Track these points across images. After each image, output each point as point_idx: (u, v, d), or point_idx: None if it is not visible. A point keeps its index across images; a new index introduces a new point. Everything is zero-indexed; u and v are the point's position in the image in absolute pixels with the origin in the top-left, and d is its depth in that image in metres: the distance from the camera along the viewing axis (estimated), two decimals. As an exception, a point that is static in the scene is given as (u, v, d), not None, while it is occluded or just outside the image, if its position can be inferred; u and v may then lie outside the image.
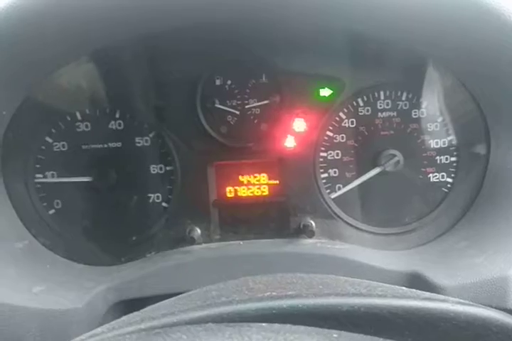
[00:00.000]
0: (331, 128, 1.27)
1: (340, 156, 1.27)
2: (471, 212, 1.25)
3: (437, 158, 1.27)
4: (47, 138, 1.22)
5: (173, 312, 0.47)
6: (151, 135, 1.25)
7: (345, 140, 1.27)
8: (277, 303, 0.48)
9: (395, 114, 1.26)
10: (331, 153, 1.27)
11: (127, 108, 1.23)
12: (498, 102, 1.13)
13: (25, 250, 1.14)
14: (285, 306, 0.47)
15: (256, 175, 1.29)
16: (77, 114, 1.22)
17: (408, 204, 1.29)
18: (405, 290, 0.57)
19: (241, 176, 1.29)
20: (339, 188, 1.28)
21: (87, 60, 1.14)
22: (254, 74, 1.24)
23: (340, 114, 1.26)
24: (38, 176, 1.23)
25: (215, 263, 1.16)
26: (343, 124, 1.27)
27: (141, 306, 1.07)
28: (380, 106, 1.26)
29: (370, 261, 1.14)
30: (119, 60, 1.16)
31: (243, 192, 1.29)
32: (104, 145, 1.23)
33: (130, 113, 1.23)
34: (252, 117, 1.25)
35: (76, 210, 1.25)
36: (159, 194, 1.26)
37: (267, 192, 1.29)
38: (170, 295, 0.66)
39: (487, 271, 1.00)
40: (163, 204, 1.27)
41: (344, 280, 0.60)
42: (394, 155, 1.24)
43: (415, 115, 1.26)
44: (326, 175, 1.28)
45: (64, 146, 1.23)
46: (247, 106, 1.24)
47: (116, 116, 1.23)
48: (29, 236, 1.19)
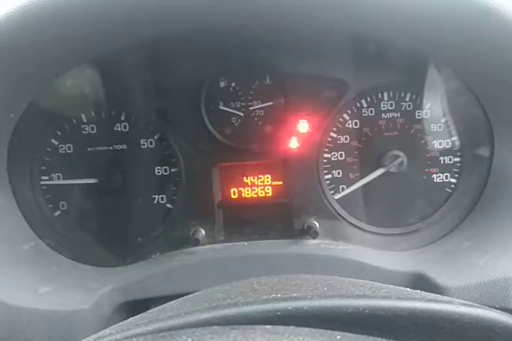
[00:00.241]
0: (335, 129, 1.27)
1: (344, 157, 1.28)
2: (474, 212, 1.25)
3: (441, 158, 1.27)
4: (53, 141, 1.23)
5: (179, 314, 0.48)
6: (155, 137, 1.25)
7: (348, 141, 1.27)
8: (282, 305, 0.48)
9: (399, 115, 1.26)
10: (334, 154, 1.28)
11: (132, 110, 1.24)
12: (502, 103, 1.13)
13: (31, 251, 1.15)
14: (290, 308, 0.48)
15: (260, 176, 1.29)
16: (83, 117, 1.23)
17: (412, 204, 1.29)
18: (410, 291, 0.57)
19: (245, 177, 1.29)
20: (343, 189, 1.28)
21: (91, 63, 1.14)
22: (258, 76, 1.24)
23: (344, 115, 1.26)
24: (44, 178, 1.24)
25: (219, 264, 1.17)
26: (347, 125, 1.27)
27: (146, 307, 1.08)
28: (383, 107, 1.26)
29: (374, 261, 1.14)
30: (123, 62, 1.16)
31: (247, 193, 1.29)
32: (110, 148, 1.24)
33: (135, 115, 1.24)
34: (256, 119, 1.25)
35: (81, 212, 1.26)
36: (164, 195, 1.27)
37: (270, 193, 1.30)
38: (175, 296, 0.66)
39: (491, 271, 1.00)
40: (168, 205, 1.27)
41: (349, 281, 0.61)
42: (398, 156, 1.24)
43: (419, 116, 1.26)
44: (330, 176, 1.28)
45: (70, 148, 1.24)
46: (251, 108, 1.25)
47: (122, 118, 1.24)
48: (35, 238, 1.20)
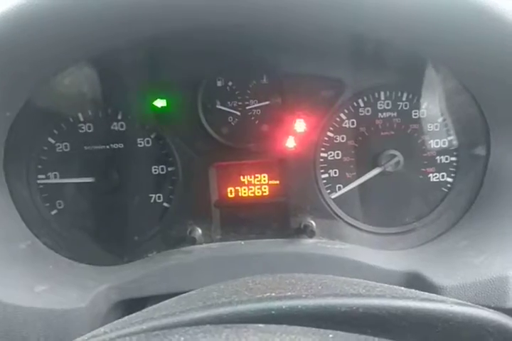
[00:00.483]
0: (332, 128, 1.27)
1: (340, 156, 1.28)
2: (470, 211, 1.25)
3: (437, 158, 1.27)
4: (49, 139, 1.23)
5: (174, 313, 0.48)
6: (152, 136, 1.25)
7: (345, 140, 1.27)
8: (276, 304, 0.48)
9: (396, 114, 1.26)
10: (331, 154, 1.28)
11: (129, 109, 1.23)
12: (498, 103, 1.13)
13: (27, 250, 1.15)
14: (284, 307, 0.48)
15: (257, 175, 1.29)
16: (80, 116, 1.23)
17: (408, 204, 1.29)
18: (404, 290, 0.57)
19: (242, 176, 1.29)
20: (339, 188, 1.28)
21: (88, 61, 1.14)
22: (255, 76, 1.24)
23: (341, 115, 1.26)
24: (41, 177, 1.23)
25: (216, 263, 1.17)
26: (344, 125, 1.27)
27: (142, 305, 1.08)
28: (380, 107, 1.26)
29: (370, 260, 1.14)
30: (120, 61, 1.16)
31: (244, 192, 1.30)
32: (106, 147, 1.24)
33: (132, 114, 1.24)
34: (253, 118, 1.25)
35: (78, 211, 1.26)
36: (161, 194, 1.27)
37: (267, 193, 1.30)
38: (171, 295, 0.66)
39: (487, 271, 1.00)
40: (165, 204, 1.27)
41: (343, 280, 0.61)
42: (394, 156, 1.25)
43: (415, 115, 1.26)
44: (327, 175, 1.28)
45: (66, 147, 1.24)
46: (248, 107, 1.25)
47: (118, 117, 1.24)
48: (32, 237, 1.20)
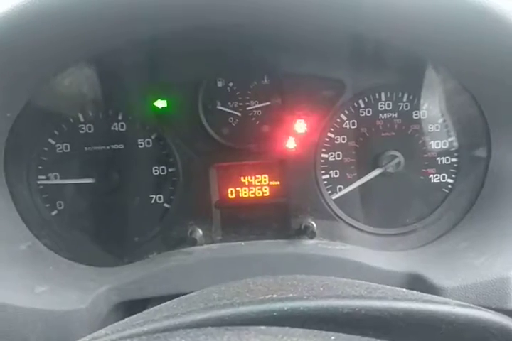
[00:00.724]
0: (332, 129, 1.27)
1: (341, 157, 1.28)
2: (471, 212, 1.25)
3: (438, 159, 1.27)
4: (50, 140, 1.23)
5: (175, 315, 0.48)
6: (153, 136, 1.25)
7: (346, 141, 1.27)
8: (278, 306, 0.48)
9: (396, 115, 1.26)
10: (332, 154, 1.28)
11: (129, 110, 1.23)
12: (499, 103, 1.13)
13: (28, 251, 1.15)
14: (286, 308, 0.48)
15: (257, 176, 1.29)
16: (80, 116, 1.23)
17: (409, 205, 1.29)
18: (406, 292, 0.57)
19: (242, 177, 1.29)
20: (340, 189, 1.28)
21: (89, 62, 1.14)
22: (255, 76, 1.24)
23: (342, 116, 1.26)
24: (41, 177, 1.23)
25: (216, 264, 1.16)
26: (344, 126, 1.27)
27: (143, 307, 1.08)
28: (381, 108, 1.26)
29: (371, 261, 1.14)
30: (121, 62, 1.16)
31: (245, 193, 1.29)
32: (107, 147, 1.23)
33: (132, 115, 1.24)
34: (253, 119, 1.25)
35: (78, 211, 1.25)
36: (161, 195, 1.27)
37: (268, 193, 1.30)
38: (172, 296, 0.66)
39: (487, 272, 1.00)
40: (165, 205, 1.27)
41: (344, 282, 0.61)
42: (395, 156, 1.24)
43: (416, 116, 1.26)
44: (327, 176, 1.28)
45: (67, 148, 1.24)
46: (248, 108, 1.25)
47: (119, 118, 1.24)
48: (32, 238, 1.19)
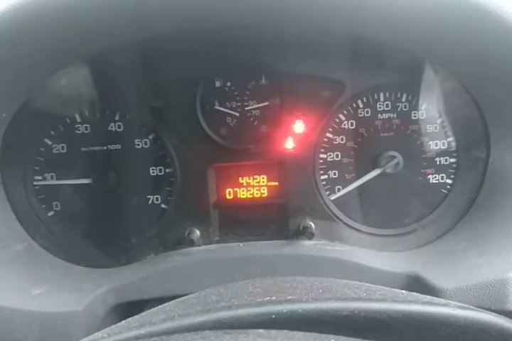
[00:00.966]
0: (331, 129, 1.26)
1: (339, 158, 1.27)
2: (470, 213, 1.25)
3: (437, 159, 1.27)
4: (46, 140, 1.22)
5: (172, 317, 0.47)
6: (150, 137, 1.25)
7: (344, 141, 1.27)
8: (277, 308, 0.48)
9: (395, 115, 1.25)
10: (330, 155, 1.27)
11: (127, 110, 1.23)
12: (498, 104, 1.13)
13: (24, 252, 1.14)
14: (285, 311, 0.47)
15: (256, 176, 1.29)
16: (77, 116, 1.22)
17: (408, 205, 1.29)
18: (405, 293, 0.57)
19: (240, 178, 1.29)
20: (339, 190, 1.28)
21: (86, 62, 1.13)
22: (254, 76, 1.23)
23: (340, 116, 1.26)
24: (37, 178, 1.23)
25: (214, 265, 1.16)
26: (343, 126, 1.26)
27: (140, 308, 1.07)
28: (379, 108, 1.25)
29: (370, 262, 1.14)
30: (118, 62, 1.15)
31: (243, 193, 1.29)
32: (104, 148, 1.23)
33: (129, 115, 1.23)
34: (251, 119, 1.25)
35: (75, 212, 1.25)
36: (159, 196, 1.26)
37: (266, 194, 1.29)
38: (169, 298, 0.66)
39: (487, 272, 1.00)
40: (163, 205, 1.27)
41: (344, 283, 0.60)
42: (394, 157, 1.24)
43: (415, 117, 1.25)
44: (326, 176, 1.28)
45: (63, 148, 1.23)
46: (246, 108, 1.24)
47: (116, 118, 1.23)
48: (28, 239, 1.19)
